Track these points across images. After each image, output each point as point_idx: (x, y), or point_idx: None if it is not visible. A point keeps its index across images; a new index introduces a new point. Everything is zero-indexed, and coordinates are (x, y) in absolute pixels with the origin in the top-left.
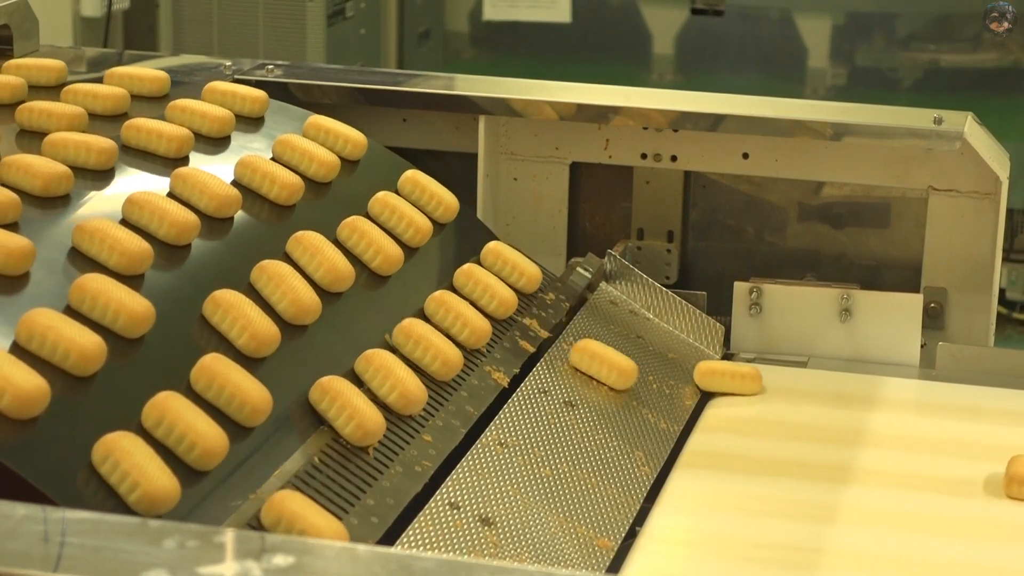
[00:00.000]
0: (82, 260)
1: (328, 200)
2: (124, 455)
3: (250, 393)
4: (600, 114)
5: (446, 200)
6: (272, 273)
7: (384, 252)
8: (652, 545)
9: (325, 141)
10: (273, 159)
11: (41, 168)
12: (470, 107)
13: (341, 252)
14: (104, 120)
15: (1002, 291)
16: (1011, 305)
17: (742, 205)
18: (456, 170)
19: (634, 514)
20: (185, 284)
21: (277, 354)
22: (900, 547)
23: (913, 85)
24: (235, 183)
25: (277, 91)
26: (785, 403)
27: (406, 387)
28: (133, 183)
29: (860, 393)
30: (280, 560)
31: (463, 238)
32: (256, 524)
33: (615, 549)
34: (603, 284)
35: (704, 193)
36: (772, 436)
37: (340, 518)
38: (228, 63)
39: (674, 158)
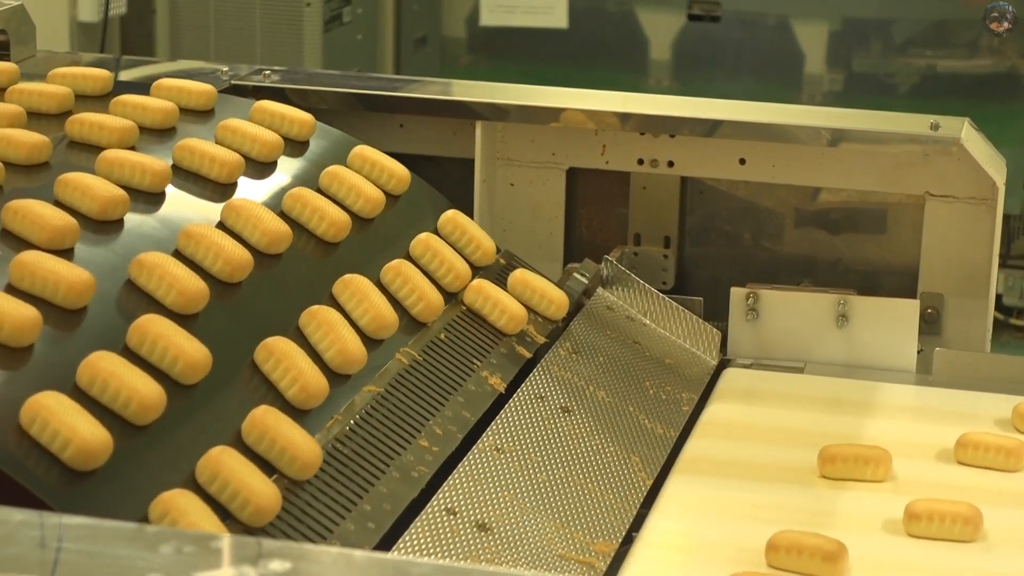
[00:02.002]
0: (138, 295)
1: (372, 237)
2: (182, 515)
3: (301, 448)
4: (597, 120)
5: (484, 244)
6: (321, 320)
7: (426, 299)
8: (649, 550)
9: (370, 174)
10: (319, 190)
11: (99, 191)
12: (467, 113)
13: (385, 297)
14: (152, 133)
15: (999, 297)
16: (1008, 311)
17: (739, 211)
18: (453, 176)
19: (631, 519)
20: (237, 326)
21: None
22: (897, 552)
23: (910, 90)
24: (283, 215)
25: (274, 96)
26: (782, 409)
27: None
28: (184, 208)
29: (857, 399)
30: (276, 565)
31: (497, 278)
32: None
33: (612, 554)
34: (600, 290)
35: (701, 199)
36: (769, 442)
37: (337, 523)
38: (225, 68)
39: (671, 164)
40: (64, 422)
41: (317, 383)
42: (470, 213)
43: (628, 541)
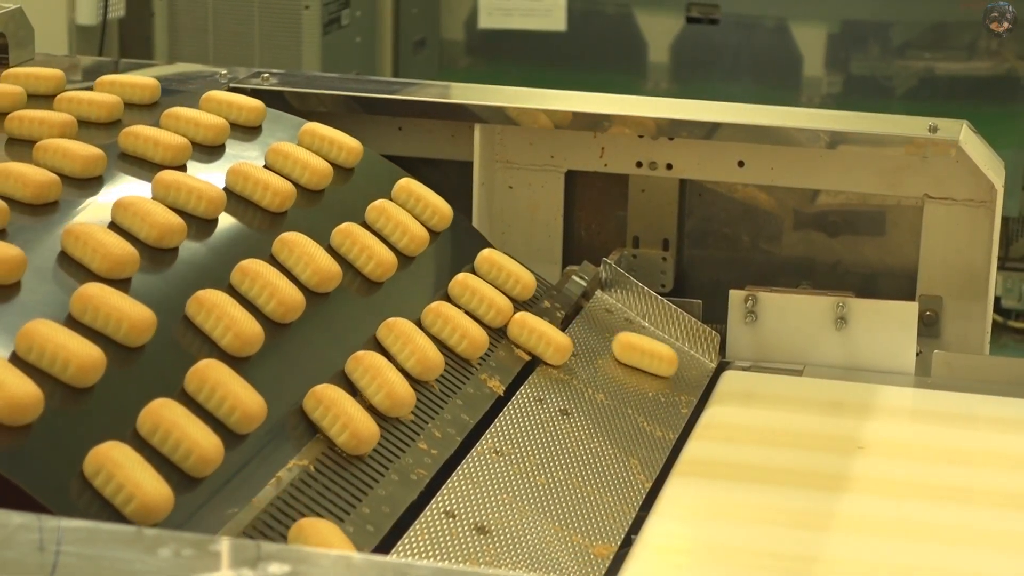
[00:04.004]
0: (194, 333)
1: (413, 276)
2: None
3: None
4: (595, 122)
5: (524, 278)
6: (368, 365)
7: (469, 336)
8: (648, 553)
9: (414, 208)
10: (365, 224)
11: (158, 217)
12: (466, 115)
13: (429, 339)
14: (203, 151)
15: (997, 299)
16: (1007, 313)
17: (737, 213)
18: (452, 178)
19: (630, 522)
20: (287, 372)
21: None
22: (896, 555)
23: (908, 93)
24: (330, 250)
25: (273, 99)
26: (781, 411)
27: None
28: (237, 238)
29: (856, 401)
30: (276, 569)
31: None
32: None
33: (611, 557)
34: (598, 292)
35: (699, 201)
36: (768, 444)
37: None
38: (224, 72)
39: (669, 166)
40: (129, 477)
41: (368, 429)
42: (469, 216)
43: (627, 544)
